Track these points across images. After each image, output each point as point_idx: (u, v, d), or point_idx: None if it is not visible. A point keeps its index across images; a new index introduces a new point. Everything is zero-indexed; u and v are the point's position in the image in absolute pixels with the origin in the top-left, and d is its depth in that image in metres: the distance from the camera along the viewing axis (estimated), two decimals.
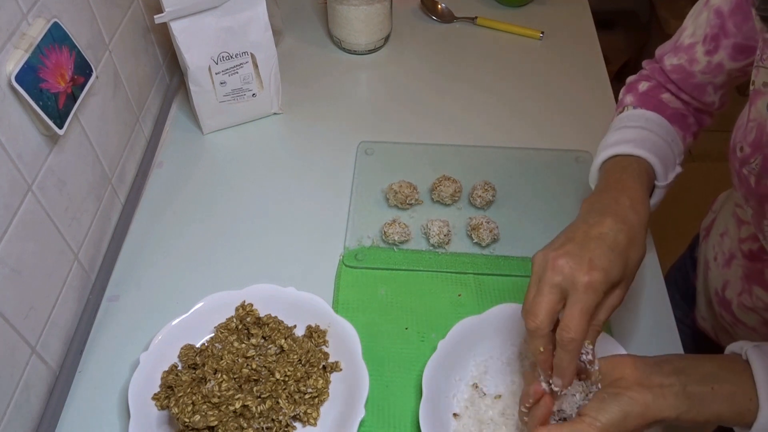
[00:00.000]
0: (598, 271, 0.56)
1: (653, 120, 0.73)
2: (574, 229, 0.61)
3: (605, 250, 0.58)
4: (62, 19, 0.70)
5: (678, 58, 0.73)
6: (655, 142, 0.70)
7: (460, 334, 0.72)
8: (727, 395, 0.55)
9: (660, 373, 0.56)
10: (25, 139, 0.66)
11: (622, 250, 0.59)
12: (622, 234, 0.59)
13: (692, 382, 0.55)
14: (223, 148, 0.99)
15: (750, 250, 0.71)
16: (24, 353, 0.67)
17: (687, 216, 0.79)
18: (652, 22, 2.15)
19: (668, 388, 0.55)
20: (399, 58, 1.13)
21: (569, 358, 0.57)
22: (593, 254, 0.57)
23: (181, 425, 0.65)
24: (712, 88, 0.73)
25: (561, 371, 0.58)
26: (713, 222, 0.87)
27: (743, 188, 0.66)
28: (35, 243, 0.69)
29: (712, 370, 0.56)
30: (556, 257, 0.58)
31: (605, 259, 0.57)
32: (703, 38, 0.70)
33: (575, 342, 0.56)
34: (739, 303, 0.74)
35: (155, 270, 0.83)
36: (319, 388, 0.69)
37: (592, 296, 0.56)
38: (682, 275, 0.95)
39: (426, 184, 0.91)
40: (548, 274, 0.57)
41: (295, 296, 0.76)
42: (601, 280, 0.56)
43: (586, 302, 0.56)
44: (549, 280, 0.57)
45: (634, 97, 0.77)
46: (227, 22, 0.90)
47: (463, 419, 0.68)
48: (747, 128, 0.64)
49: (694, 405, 0.54)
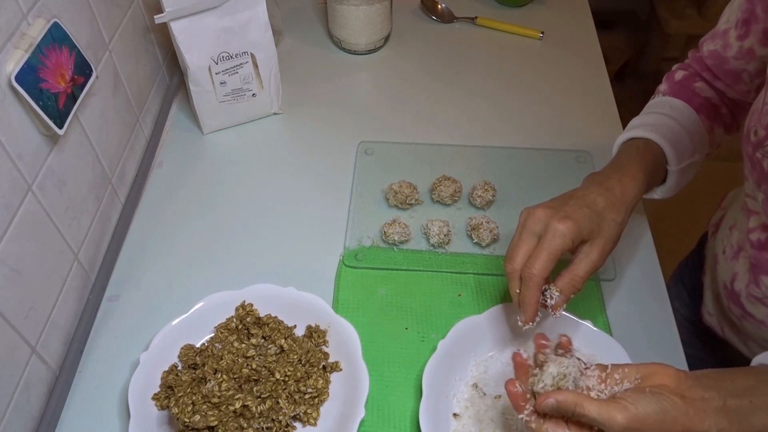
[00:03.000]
0: (569, 220, 0.63)
1: (677, 107, 0.76)
2: (562, 194, 0.69)
3: (581, 206, 0.65)
4: (62, 19, 0.70)
5: (714, 43, 0.76)
6: (671, 127, 0.73)
7: (460, 334, 0.72)
8: (765, 407, 0.53)
9: (700, 386, 0.55)
10: (25, 139, 0.66)
11: (599, 210, 0.66)
12: (601, 197, 0.66)
13: (731, 395, 0.54)
14: (223, 148, 0.99)
15: (758, 240, 0.71)
16: (24, 353, 0.67)
17: (695, 215, 0.80)
18: (652, 22, 2.15)
19: (709, 402, 0.54)
20: (399, 58, 1.13)
21: (530, 293, 0.64)
22: (570, 208, 0.65)
23: (181, 425, 0.65)
24: (748, 76, 0.74)
25: (524, 306, 0.65)
26: (723, 218, 0.88)
27: (755, 173, 0.67)
28: (35, 243, 0.69)
29: (747, 383, 0.55)
30: (536, 208, 0.66)
31: (579, 213, 0.64)
32: (735, 23, 0.72)
33: (535, 278, 0.63)
34: (748, 294, 0.74)
35: (155, 270, 0.83)
36: (319, 388, 0.69)
37: (559, 240, 0.63)
38: (689, 273, 0.96)
39: (426, 184, 0.91)
40: (528, 223, 0.66)
41: (295, 296, 0.76)
42: (571, 228, 0.63)
43: (552, 244, 0.63)
44: (528, 228, 0.65)
45: (668, 85, 0.81)
46: (227, 22, 0.90)
47: (463, 419, 0.68)
48: (762, 112, 0.65)
49: (734, 419, 0.53)
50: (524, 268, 0.64)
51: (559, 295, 0.65)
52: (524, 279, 0.64)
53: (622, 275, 0.82)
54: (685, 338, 0.77)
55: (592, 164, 0.93)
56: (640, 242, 0.85)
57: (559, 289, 0.65)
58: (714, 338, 0.88)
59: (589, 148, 0.96)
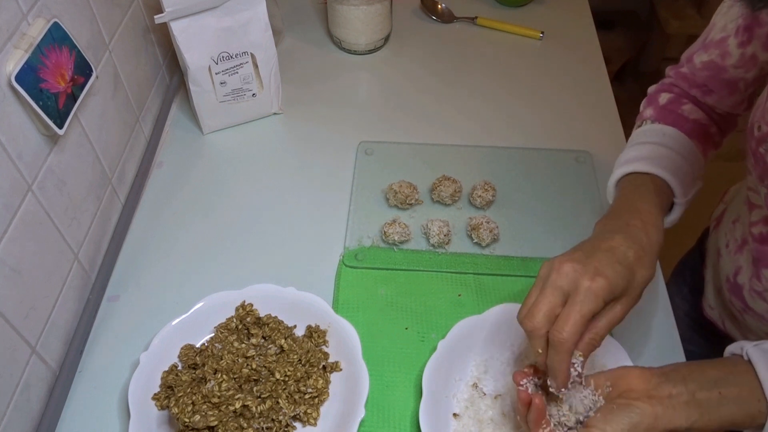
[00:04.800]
0: (602, 278, 0.57)
1: (671, 135, 0.73)
2: (584, 243, 0.62)
3: (612, 261, 0.58)
4: (62, 19, 0.70)
5: (708, 54, 0.74)
6: (672, 158, 0.70)
7: (460, 334, 0.72)
8: (734, 398, 0.54)
9: (668, 382, 0.55)
10: (25, 139, 0.66)
11: (630, 264, 0.59)
12: (631, 251, 0.60)
13: (700, 388, 0.55)
14: (223, 148, 0.99)
15: (761, 234, 0.71)
16: (24, 353, 0.67)
17: (695, 215, 0.80)
18: (652, 22, 2.15)
19: (677, 397, 0.55)
20: (399, 58, 1.13)
21: (559, 359, 0.57)
22: (600, 263, 0.58)
23: (181, 425, 0.65)
24: (744, 85, 0.73)
25: (553, 372, 0.58)
26: (724, 212, 0.88)
27: (758, 168, 0.67)
28: (35, 243, 0.69)
29: (717, 374, 0.56)
30: (562, 262, 0.59)
31: (611, 269, 0.58)
32: (735, 30, 0.70)
33: (566, 343, 0.56)
34: (750, 288, 0.74)
35: (155, 270, 0.83)
36: (319, 388, 0.69)
37: (592, 301, 0.56)
38: (690, 268, 0.96)
39: (426, 184, 0.91)
40: (552, 277, 0.58)
41: (295, 296, 0.76)
42: (604, 287, 0.57)
43: (584, 306, 0.56)
44: (553, 282, 0.58)
45: (654, 110, 0.77)
46: (227, 22, 0.90)
47: (463, 419, 0.68)
48: (766, 107, 0.65)
49: (704, 412, 0.54)
50: (553, 331, 0.57)
51: (582, 360, 0.59)
52: (553, 344, 0.57)
53: None
54: (685, 334, 0.77)
55: (592, 164, 0.94)
56: None
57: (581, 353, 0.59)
58: (714, 333, 0.89)
59: (589, 148, 0.96)
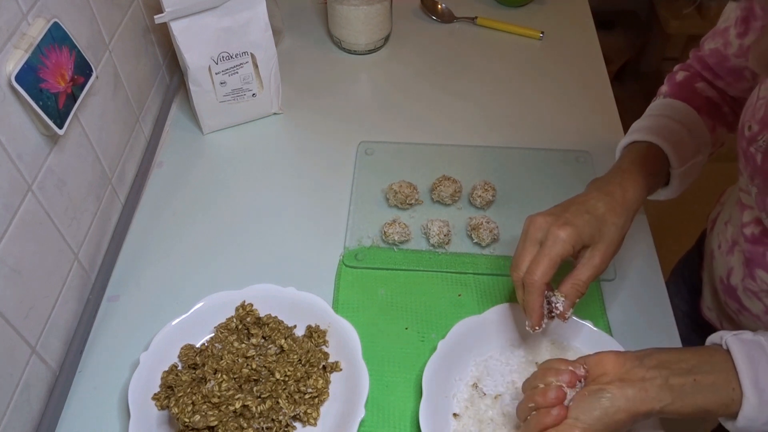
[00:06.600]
0: (569, 226, 0.64)
1: (678, 109, 0.76)
2: (564, 201, 0.69)
3: (581, 211, 0.66)
4: (62, 19, 0.70)
5: (715, 41, 0.76)
6: (672, 129, 0.73)
7: (460, 334, 0.72)
8: (709, 385, 0.56)
9: (642, 366, 0.57)
10: (25, 139, 0.66)
11: (600, 215, 0.66)
12: (601, 202, 0.67)
13: (674, 374, 0.56)
14: (223, 148, 0.99)
15: (752, 234, 0.71)
16: (24, 353, 0.67)
17: (695, 215, 0.80)
18: (652, 22, 2.15)
19: (650, 381, 0.56)
20: (399, 58, 1.13)
21: (532, 299, 0.65)
22: (571, 214, 0.66)
23: (181, 425, 0.65)
24: (749, 73, 0.74)
25: (529, 312, 0.66)
26: (719, 213, 0.88)
27: (749, 168, 0.68)
28: (35, 243, 0.69)
29: (693, 361, 0.57)
30: (537, 215, 0.67)
31: (579, 219, 0.65)
32: (735, 21, 0.72)
33: (536, 284, 0.64)
34: (744, 288, 0.75)
35: (155, 270, 0.83)
36: (319, 388, 0.69)
37: (560, 246, 0.64)
38: (689, 269, 0.96)
39: (426, 184, 0.91)
40: (530, 231, 0.67)
41: (295, 296, 0.76)
42: (571, 234, 0.64)
43: (552, 250, 0.64)
44: (531, 236, 0.66)
45: (669, 86, 0.81)
46: (227, 22, 0.90)
47: (463, 419, 0.68)
48: (756, 106, 0.66)
49: (677, 397, 0.55)
50: (525, 275, 0.65)
51: (564, 300, 0.66)
52: (526, 285, 0.65)
53: (623, 276, 0.82)
54: (684, 334, 0.77)
55: (592, 164, 0.93)
56: (640, 242, 0.85)
57: (564, 295, 0.66)
58: (714, 332, 0.89)
59: (589, 148, 0.96)
